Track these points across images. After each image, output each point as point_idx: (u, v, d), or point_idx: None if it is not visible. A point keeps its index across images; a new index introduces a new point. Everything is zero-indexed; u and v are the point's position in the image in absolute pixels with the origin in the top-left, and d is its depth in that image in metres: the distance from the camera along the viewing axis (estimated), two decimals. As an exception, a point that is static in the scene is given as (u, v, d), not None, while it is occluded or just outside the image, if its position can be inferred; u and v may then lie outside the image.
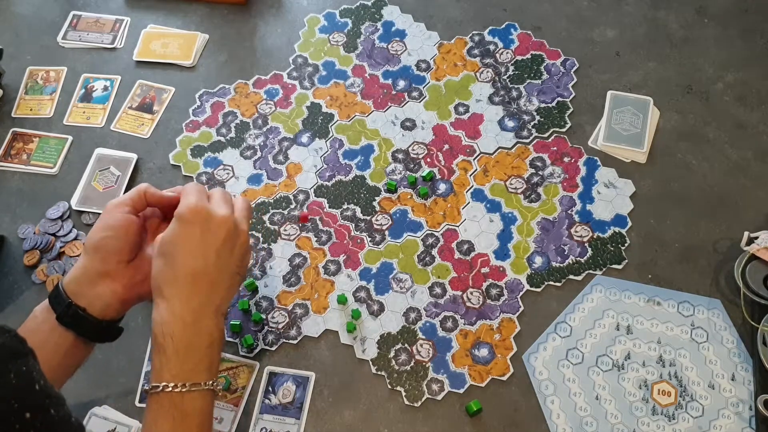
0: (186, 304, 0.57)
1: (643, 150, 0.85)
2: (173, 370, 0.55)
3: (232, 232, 0.60)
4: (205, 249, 0.58)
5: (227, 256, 0.60)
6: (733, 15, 0.96)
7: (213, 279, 0.58)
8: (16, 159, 0.88)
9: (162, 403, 0.54)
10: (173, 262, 0.57)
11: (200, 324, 0.57)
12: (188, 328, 0.56)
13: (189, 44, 0.96)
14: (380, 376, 0.73)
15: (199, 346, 0.57)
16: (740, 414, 0.70)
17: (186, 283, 0.57)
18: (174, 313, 0.56)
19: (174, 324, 0.56)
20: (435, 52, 0.94)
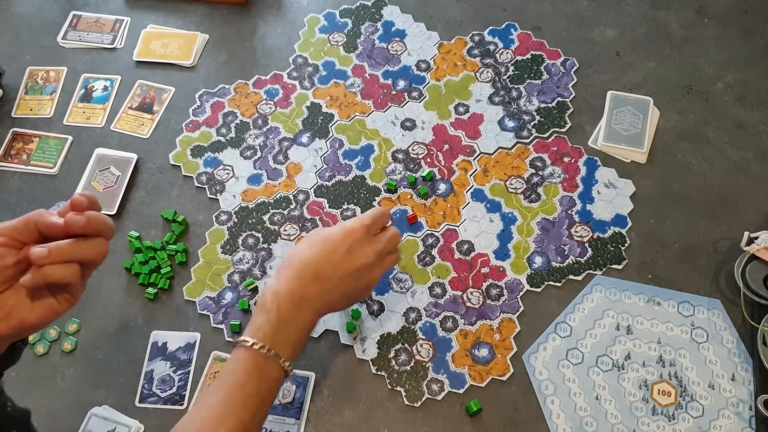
0: (301, 288, 0.63)
1: (643, 150, 0.85)
2: (269, 333, 0.60)
3: (368, 267, 0.67)
4: (341, 265, 0.65)
5: (352, 280, 0.66)
6: (733, 15, 0.96)
7: (329, 288, 0.64)
8: (16, 159, 0.88)
9: (247, 356, 0.59)
10: (313, 251, 0.65)
11: (303, 308, 0.63)
12: (293, 306, 0.62)
13: (189, 44, 0.96)
14: (380, 376, 0.73)
15: (295, 325, 0.62)
16: (740, 414, 0.70)
17: (310, 274, 0.64)
18: (288, 287, 0.63)
19: (285, 297, 0.62)
20: (435, 52, 0.94)
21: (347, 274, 0.65)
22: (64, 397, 0.73)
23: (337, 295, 0.66)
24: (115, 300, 0.79)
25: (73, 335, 0.77)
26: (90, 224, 0.51)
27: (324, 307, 0.65)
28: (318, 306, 0.64)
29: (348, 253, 0.65)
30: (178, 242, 0.82)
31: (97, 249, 0.52)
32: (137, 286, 0.79)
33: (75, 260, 0.51)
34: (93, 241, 0.52)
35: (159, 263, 0.80)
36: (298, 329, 0.63)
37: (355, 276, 0.66)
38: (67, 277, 0.51)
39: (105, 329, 0.77)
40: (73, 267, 0.51)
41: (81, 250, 0.51)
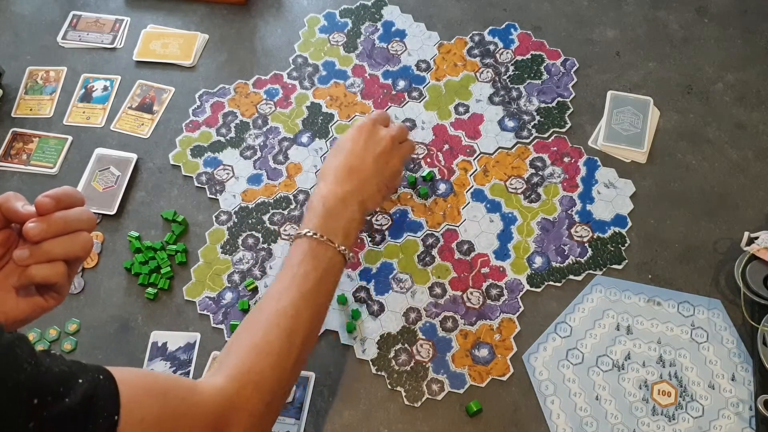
0: (341, 186, 0.69)
1: (643, 150, 0.85)
2: (318, 223, 0.66)
3: (389, 150, 0.73)
4: (365, 153, 0.72)
5: (382, 165, 0.72)
6: (733, 15, 0.96)
7: (364, 177, 0.71)
8: (16, 159, 0.88)
9: (301, 243, 0.65)
10: (339, 156, 0.72)
11: (347, 203, 0.69)
12: (338, 202, 0.68)
13: (189, 44, 0.96)
14: (380, 376, 0.73)
15: (342, 217, 0.68)
16: (740, 414, 0.70)
17: (344, 172, 0.70)
18: (330, 189, 0.69)
19: (329, 195, 0.68)
20: (435, 52, 0.94)
21: (374, 160, 0.72)
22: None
23: (374, 183, 0.71)
24: (115, 300, 0.79)
25: (73, 335, 0.77)
26: (69, 219, 0.51)
27: (366, 197, 0.70)
28: (361, 198, 0.70)
29: (366, 143, 0.72)
30: (178, 242, 0.82)
31: (80, 244, 0.52)
32: (137, 286, 0.79)
33: (58, 258, 0.51)
34: (74, 237, 0.51)
35: (159, 263, 0.80)
36: (346, 221, 0.68)
37: (382, 161, 0.72)
38: (53, 276, 0.51)
39: (105, 329, 0.77)
40: (57, 266, 0.51)
41: (63, 247, 0.51)
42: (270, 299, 0.61)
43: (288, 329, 0.59)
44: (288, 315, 0.60)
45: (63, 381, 0.45)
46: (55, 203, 0.51)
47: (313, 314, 0.62)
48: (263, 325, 0.59)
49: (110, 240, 0.82)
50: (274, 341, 0.58)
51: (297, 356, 0.60)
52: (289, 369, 0.59)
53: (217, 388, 0.55)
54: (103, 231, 0.83)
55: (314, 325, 0.63)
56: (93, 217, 0.53)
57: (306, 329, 0.61)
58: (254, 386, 0.56)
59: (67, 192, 0.52)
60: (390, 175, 0.74)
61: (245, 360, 0.57)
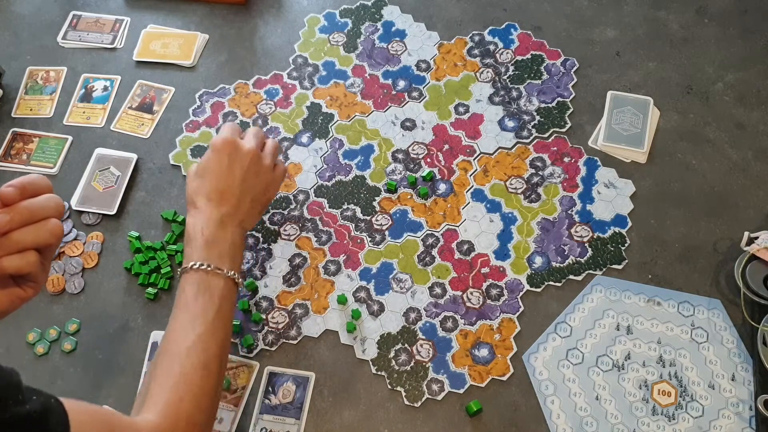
0: (215, 210, 0.68)
1: (643, 150, 0.85)
2: (201, 254, 0.65)
3: (255, 162, 0.71)
4: (232, 172, 0.69)
5: (251, 180, 0.71)
6: (733, 15, 0.96)
7: (238, 196, 0.69)
8: (16, 159, 0.88)
9: (189, 278, 0.64)
10: (205, 180, 0.69)
11: (225, 227, 0.68)
12: (215, 227, 0.67)
13: (189, 44, 0.96)
14: (380, 376, 0.73)
15: (223, 242, 0.67)
16: (740, 414, 0.70)
17: (215, 197, 0.68)
18: (205, 215, 0.67)
19: (204, 222, 0.67)
20: (435, 52, 0.94)
21: (243, 178, 0.70)
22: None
23: (248, 201, 0.70)
24: (115, 300, 0.79)
25: (73, 335, 0.77)
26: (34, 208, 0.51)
27: (243, 217, 0.70)
28: (239, 219, 0.69)
29: (231, 161, 0.70)
30: (178, 242, 0.82)
31: (49, 231, 0.52)
32: (137, 286, 0.79)
33: (28, 247, 0.51)
34: (42, 225, 0.51)
35: (159, 263, 0.80)
36: (229, 245, 0.67)
37: (251, 175, 0.70)
38: (25, 266, 0.51)
39: (105, 329, 0.77)
40: (29, 255, 0.51)
41: (32, 236, 0.51)
42: (176, 337, 0.61)
43: (202, 362, 0.60)
44: (198, 349, 0.60)
45: (23, 389, 0.46)
46: (20, 192, 0.51)
47: (220, 342, 0.63)
48: (178, 362, 0.59)
49: (110, 240, 0.82)
50: (193, 375, 0.59)
51: (216, 382, 0.61)
52: (212, 395, 0.60)
53: (153, 426, 0.55)
54: (103, 231, 0.83)
55: (224, 351, 0.63)
56: (60, 203, 0.53)
57: (218, 356, 0.62)
58: (186, 419, 0.57)
59: (32, 180, 0.52)
60: (262, 188, 0.72)
61: (171, 396, 0.58)
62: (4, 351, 0.76)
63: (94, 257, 0.81)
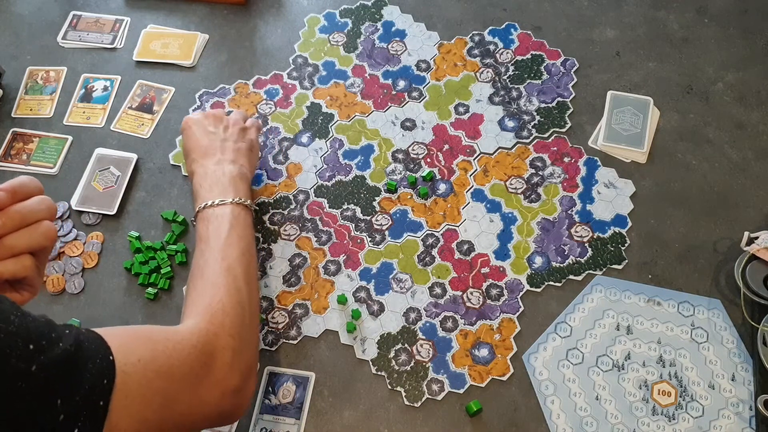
0: (206, 166, 0.74)
1: (643, 150, 0.85)
2: (205, 195, 0.71)
3: (218, 118, 0.79)
4: (203, 135, 0.77)
5: (223, 132, 0.78)
6: (733, 15, 0.96)
7: (219, 147, 0.76)
8: (16, 159, 0.88)
9: (200, 218, 0.70)
10: (190, 154, 0.77)
11: (221, 169, 0.74)
12: (211, 174, 0.73)
13: (189, 44, 0.96)
14: (380, 376, 0.73)
15: (222, 181, 0.72)
16: (740, 414, 0.70)
17: (201, 158, 0.75)
18: (200, 173, 0.74)
19: (202, 177, 0.73)
20: (435, 52, 0.94)
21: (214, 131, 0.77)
22: None
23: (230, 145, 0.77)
24: (115, 300, 0.79)
25: (73, 335, 0.77)
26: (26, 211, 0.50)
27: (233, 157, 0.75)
28: (230, 159, 0.75)
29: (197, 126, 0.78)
30: (178, 242, 0.82)
31: (42, 234, 0.51)
32: (137, 286, 0.79)
33: (22, 251, 0.50)
34: (35, 228, 0.51)
35: (159, 263, 0.80)
36: (228, 179, 0.72)
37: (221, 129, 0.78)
38: (20, 271, 0.50)
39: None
40: (24, 260, 0.51)
41: (25, 240, 0.50)
42: (197, 261, 0.66)
43: (224, 268, 0.64)
44: (218, 258, 0.65)
45: (52, 328, 0.45)
46: (10, 196, 0.50)
47: (240, 250, 0.67)
48: (204, 274, 0.64)
49: (110, 240, 0.82)
50: (218, 281, 0.63)
51: (244, 285, 0.65)
52: (243, 296, 0.64)
53: (192, 325, 0.58)
54: (103, 231, 0.83)
55: (246, 259, 0.67)
56: (52, 205, 0.53)
57: (240, 263, 0.66)
58: (221, 315, 0.60)
59: (23, 182, 0.51)
60: (238, 133, 0.79)
61: (203, 300, 0.61)
62: (4, 351, 0.76)
63: (94, 257, 0.81)
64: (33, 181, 0.52)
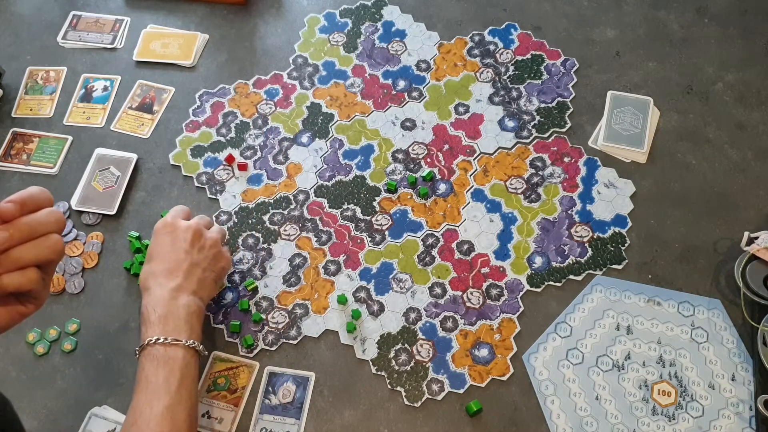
0: (166, 287, 0.68)
1: (643, 150, 0.85)
2: (156, 331, 0.65)
3: (197, 236, 0.72)
4: (175, 249, 0.71)
5: (196, 254, 0.71)
6: (733, 15, 0.96)
7: (186, 270, 0.69)
8: (16, 159, 0.88)
9: (148, 354, 0.64)
10: (152, 263, 0.70)
11: (178, 300, 0.67)
12: (168, 302, 0.66)
13: (189, 44, 0.96)
14: (380, 376, 0.73)
15: (178, 315, 0.66)
16: (740, 414, 0.70)
17: (163, 275, 0.69)
18: (155, 295, 0.67)
19: (156, 301, 0.66)
20: (435, 52, 0.94)
21: (187, 252, 0.71)
22: (64, 397, 0.73)
23: (198, 272, 0.70)
24: (115, 300, 0.79)
25: (73, 335, 0.77)
26: (34, 223, 0.49)
27: (196, 287, 0.69)
28: (191, 290, 0.69)
29: (173, 241, 0.71)
30: (178, 242, 0.82)
31: (50, 247, 0.50)
32: (137, 286, 0.79)
33: (29, 264, 0.50)
34: (43, 241, 0.50)
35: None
36: (182, 315, 0.66)
37: (195, 250, 0.71)
38: (26, 284, 0.50)
39: (105, 329, 0.77)
40: (30, 273, 0.50)
41: (32, 253, 0.49)
42: (142, 411, 0.61)
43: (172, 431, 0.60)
44: (167, 419, 0.60)
45: None
46: (20, 208, 0.49)
47: (188, 413, 0.62)
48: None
49: (110, 240, 0.82)
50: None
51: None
52: None
53: None
54: (103, 231, 0.83)
55: (192, 420, 0.63)
56: (61, 218, 0.52)
57: (187, 424, 0.62)
58: None
59: (33, 194, 0.51)
60: (210, 260, 0.72)
61: None
62: (3, 351, 0.76)
63: (94, 257, 0.81)
64: (43, 192, 0.52)
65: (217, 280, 0.74)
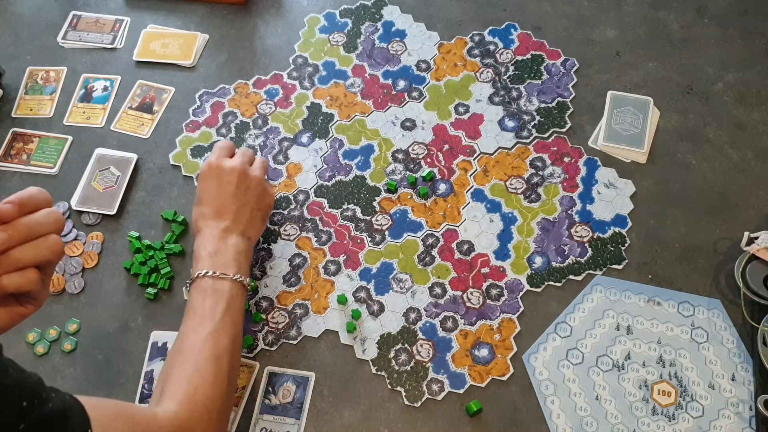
0: (216, 227, 0.71)
1: (643, 150, 0.85)
2: (206, 265, 0.68)
3: (242, 177, 0.74)
4: (222, 193, 0.73)
5: (243, 195, 0.73)
6: (733, 15, 0.96)
7: (233, 212, 0.72)
8: (16, 159, 0.88)
9: (197, 286, 0.67)
10: (202, 206, 0.73)
11: (227, 239, 0.70)
12: (218, 241, 0.70)
13: (189, 44, 0.96)
14: (380, 376, 0.73)
15: (226, 252, 0.69)
16: (740, 414, 0.70)
17: (212, 217, 0.72)
18: (206, 235, 0.71)
19: (207, 240, 0.70)
20: (435, 52, 0.94)
21: (233, 194, 0.72)
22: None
23: (246, 213, 0.73)
24: (115, 300, 0.79)
25: (73, 335, 0.77)
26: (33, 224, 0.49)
27: (244, 227, 0.72)
28: (240, 229, 0.72)
29: (220, 183, 0.73)
30: (178, 242, 0.82)
31: (49, 248, 0.50)
32: (137, 286, 0.79)
33: (28, 265, 0.49)
34: (42, 241, 0.50)
35: (158, 263, 0.80)
36: (234, 252, 0.69)
37: (241, 191, 0.73)
38: (25, 284, 0.50)
39: (105, 329, 0.77)
40: (29, 273, 0.50)
41: (32, 254, 0.49)
42: (187, 337, 0.64)
43: (214, 355, 0.63)
44: (210, 344, 0.63)
45: (42, 388, 0.46)
46: (18, 209, 0.49)
47: (230, 338, 0.65)
48: (191, 358, 0.63)
49: (110, 240, 0.82)
50: (205, 367, 0.62)
51: (228, 377, 0.64)
52: (225, 389, 0.63)
53: (173, 414, 0.58)
54: (103, 231, 0.83)
55: (234, 345, 0.66)
56: (60, 218, 0.52)
57: (228, 350, 0.64)
58: (203, 407, 0.60)
59: (32, 194, 0.51)
60: (256, 199, 0.75)
61: (188, 387, 0.61)
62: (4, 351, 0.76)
63: (94, 257, 0.81)
64: (42, 192, 0.52)
65: (264, 218, 0.76)
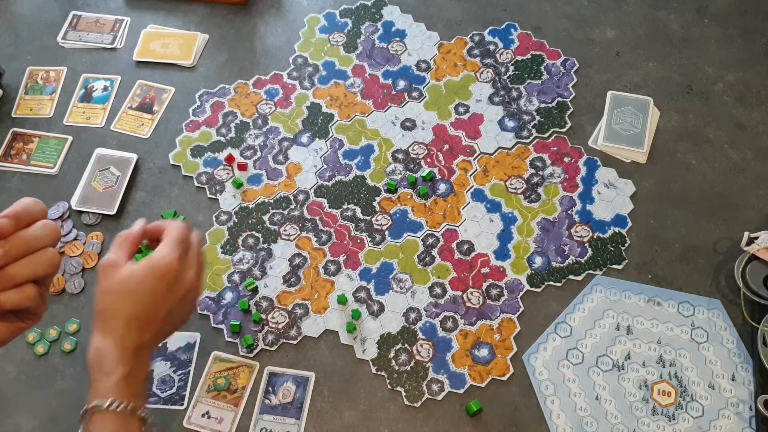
0: (136, 339, 0.55)
1: (643, 150, 0.85)
2: (120, 391, 0.54)
3: (191, 289, 0.59)
4: (163, 302, 0.56)
5: (178, 309, 0.58)
6: (733, 15, 0.96)
7: (159, 327, 0.57)
8: (16, 159, 0.88)
9: (106, 419, 0.53)
10: (128, 303, 0.55)
11: (142, 357, 0.56)
12: (134, 359, 0.55)
13: (189, 44, 0.96)
14: (380, 376, 0.73)
15: (140, 374, 0.56)
16: (740, 414, 0.70)
17: (136, 324, 0.55)
18: (123, 344, 0.55)
19: (121, 352, 0.55)
20: (435, 52, 0.94)
21: (173, 307, 0.57)
22: (64, 397, 0.73)
23: (169, 328, 0.59)
24: (115, 300, 0.79)
25: (73, 335, 0.77)
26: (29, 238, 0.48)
27: (158, 344, 0.60)
28: (155, 346, 0.59)
29: (169, 289, 0.56)
30: (178, 242, 0.82)
31: (46, 262, 0.49)
32: (137, 286, 0.79)
33: (25, 281, 0.48)
34: (39, 256, 0.49)
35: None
36: (142, 377, 0.57)
37: (180, 304, 0.58)
38: (24, 301, 0.48)
39: (105, 329, 0.77)
40: (27, 290, 0.48)
41: (29, 269, 0.48)
42: None
43: None
44: None
45: None
46: (14, 223, 0.48)
47: None
48: None
49: (110, 240, 0.82)
50: None
51: None
52: None
53: None
54: (103, 231, 0.83)
55: None
56: (56, 230, 0.50)
57: None
58: None
59: (27, 206, 0.49)
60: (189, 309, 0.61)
61: None
62: (4, 351, 0.76)
63: (94, 257, 0.81)
64: (37, 204, 0.50)
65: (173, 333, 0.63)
